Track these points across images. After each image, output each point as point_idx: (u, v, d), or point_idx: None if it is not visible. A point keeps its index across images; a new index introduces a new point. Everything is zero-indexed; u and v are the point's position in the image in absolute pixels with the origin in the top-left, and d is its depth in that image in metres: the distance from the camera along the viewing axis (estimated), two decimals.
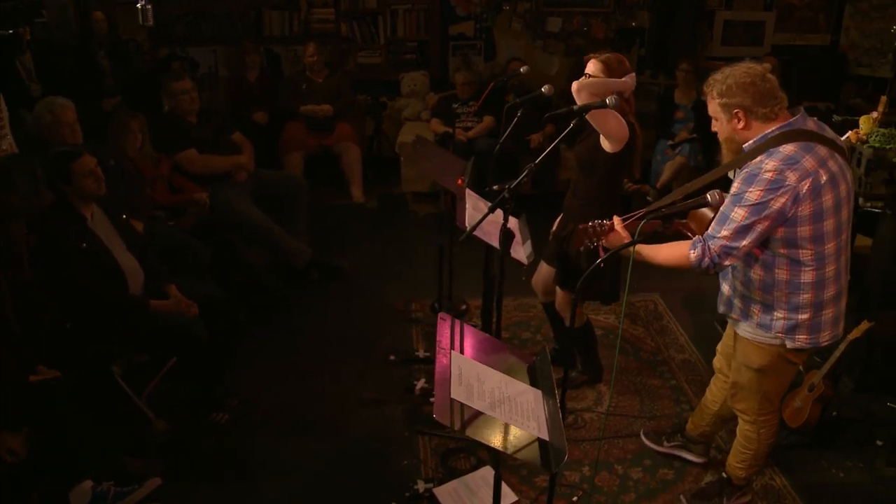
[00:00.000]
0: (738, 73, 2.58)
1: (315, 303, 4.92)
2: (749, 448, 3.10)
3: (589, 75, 3.41)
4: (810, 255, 2.60)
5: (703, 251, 2.62)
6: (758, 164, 2.54)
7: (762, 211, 2.51)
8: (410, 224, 6.31)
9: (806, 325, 2.71)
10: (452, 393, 2.06)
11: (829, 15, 7.08)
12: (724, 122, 2.65)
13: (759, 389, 2.93)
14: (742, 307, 2.83)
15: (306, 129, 6.36)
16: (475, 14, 7.05)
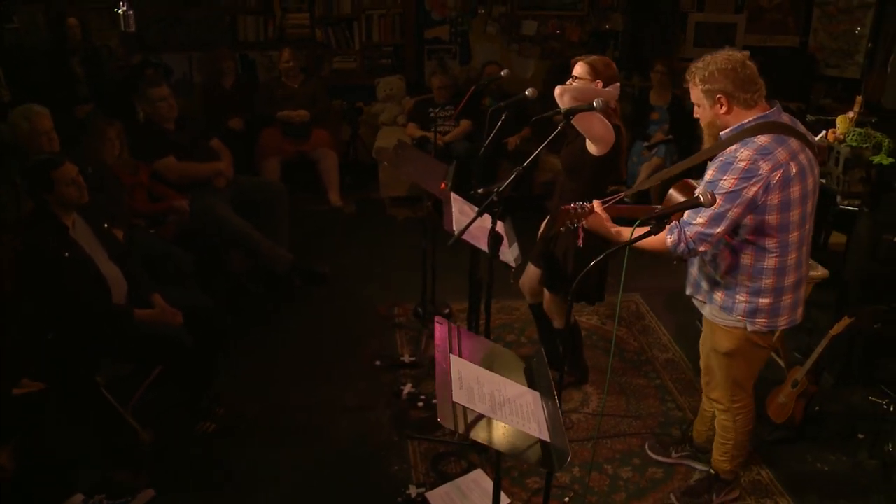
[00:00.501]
0: (719, 59, 2.65)
1: (298, 309, 4.89)
2: (728, 438, 3.17)
3: (576, 77, 3.44)
4: (775, 243, 2.70)
5: (680, 237, 2.69)
6: (732, 153, 2.62)
7: (735, 199, 2.60)
8: (389, 228, 6.30)
9: (766, 309, 2.81)
10: (454, 396, 2.07)
11: (797, 17, 7.19)
12: (707, 107, 2.71)
13: (729, 375, 3.02)
14: (708, 289, 2.92)
15: (282, 134, 6.33)
16: (450, 18, 7.06)
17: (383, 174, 6.65)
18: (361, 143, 6.96)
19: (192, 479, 3.43)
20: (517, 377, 2.39)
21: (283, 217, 5.24)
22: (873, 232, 3.77)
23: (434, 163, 4.46)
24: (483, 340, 2.56)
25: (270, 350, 4.42)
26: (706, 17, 7.13)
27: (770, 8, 7.15)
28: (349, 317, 4.83)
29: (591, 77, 3.43)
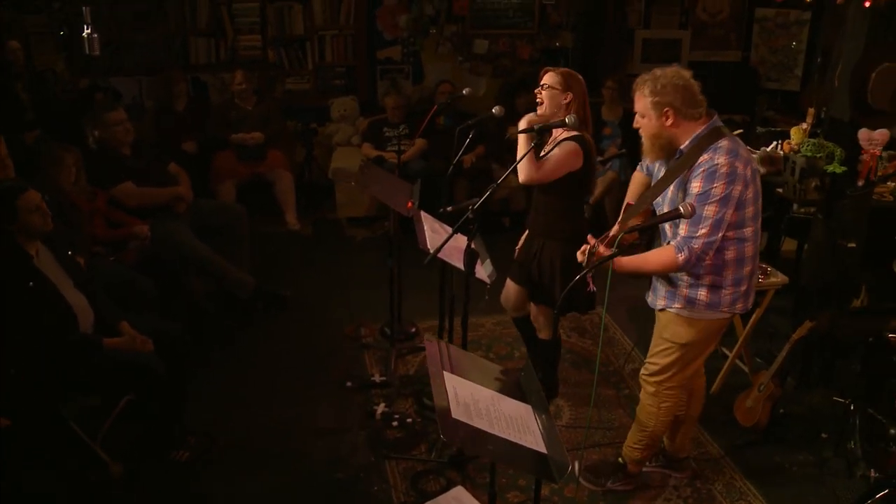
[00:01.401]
0: (669, 74, 2.81)
1: (263, 333, 4.83)
2: (647, 426, 3.29)
3: (546, 86, 3.50)
4: (751, 231, 2.88)
5: (689, 252, 2.80)
6: (710, 161, 2.75)
7: (727, 202, 2.75)
8: (349, 249, 6.27)
9: (742, 293, 2.99)
10: (454, 413, 2.08)
11: (739, 33, 7.45)
12: (653, 118, 2.84)
13: (680, 360, 3.14)
14: (688, 295, 3.01)
15: (237, 157, 6.26)
16: (402, 38, 7.09)
17: (340, 195, 6.63)
18: (316, 164, 6.93)
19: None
20: (507, 391, 2.41)
21: (244, 240, 5.18)
22: (828, 238, 3.91)
23: (399, 182, 4.48)
24: (471, 356, 2.58)
25: (237, 375, 4.35)
26: (652, 33, 7.32)
27: (713, 24, 7.39)
28: (315, 339, 4.79)
29: (561, 87, 3.50)
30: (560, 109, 3.54)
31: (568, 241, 3.59)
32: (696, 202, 2.75)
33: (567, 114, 3.49)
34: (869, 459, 3.54)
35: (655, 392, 3.23)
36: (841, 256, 3.97)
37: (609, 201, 6.38)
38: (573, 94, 3.54)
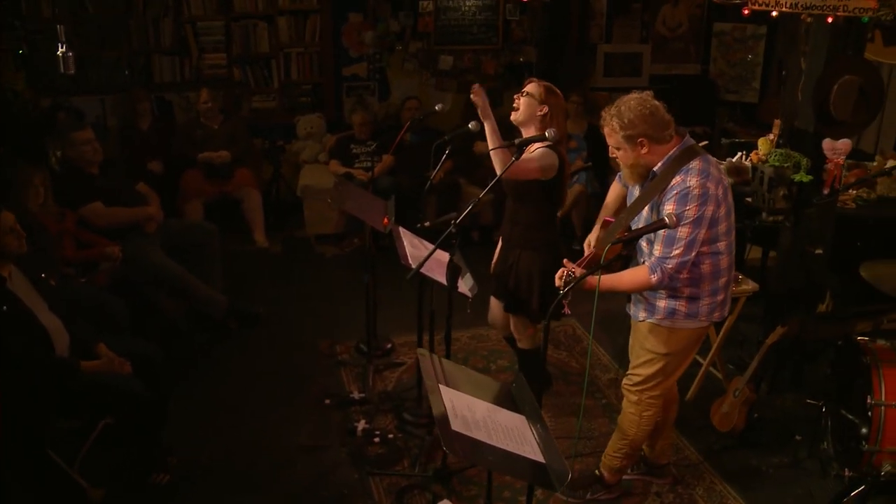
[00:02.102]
0: (633, 104, 2.86)
1: (238, 352, 4.79)
2: (627, 435, 3.35)
3: (526, 93, 3.59)
4: (725, 245, 2.97)
5: (663, 273, 2.88)
6: (682, 183, 2.84)
7: (700, 223, 2.84)
8: (318, 266, 6.25)
9: (720, 303, 3.09)
10: (453, 425, 2.09)
11: (698, 46, 7.63)
12: (629, 150, 2.92)
13: (663, 370, 3.20)
14: (667, 306, 3.08)
15: (204, 176, 6.21)
16: (368, 55, 7.11)
17: (308, 212, 6.61)
18: (284, 182, 6.91)
19: None
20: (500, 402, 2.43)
21: (215, 259, 5.14)
22: (796, 245, 4.02)
23: (373, 199, 4.49)
24: (463, 368, 2.60)
25: (214, 395, 4.30)
26: (614, 48, 7.45)
27: (673, 38, 7.55)
28: (290, 357, 4.76)
29: (540, 99, 3.58)
30: (533, 119, 3.61)
31: (543, 250, 3.67)
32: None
33: (540, 125, 3.57)
34: (842, 459, 3.63)
35: (638, 401, 3.28)
36: (808, 262, 4.09)
37: (576, 213, 6.46)
38: (549, 107, 3.61)
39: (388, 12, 6.92)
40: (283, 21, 6.81)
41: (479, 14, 7.18)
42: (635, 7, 7.41)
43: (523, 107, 3.62)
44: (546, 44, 7.37)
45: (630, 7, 7.40)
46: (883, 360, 3.46)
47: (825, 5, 3.27)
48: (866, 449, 3.36)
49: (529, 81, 3.70)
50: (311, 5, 6.83)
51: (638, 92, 2.96)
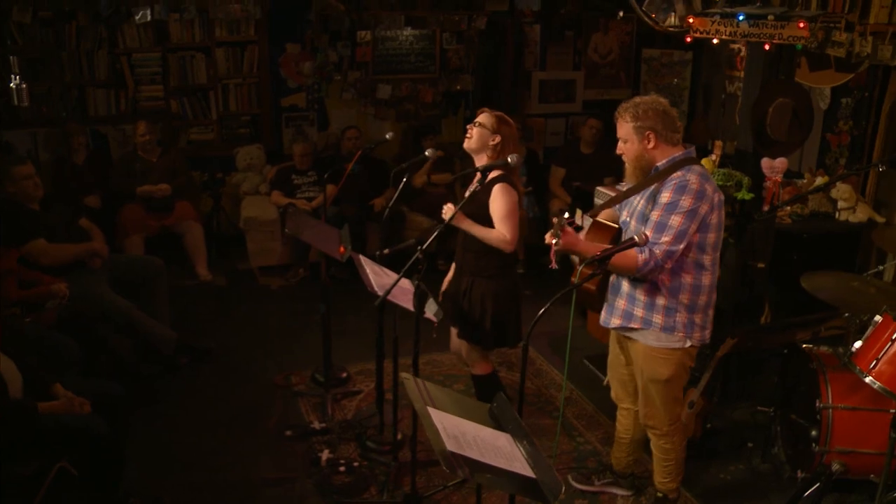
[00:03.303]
0: (648, 100, 3.00)
1: (192, 388, 4.70)
2: (669, 460, 3.40)
3: (479, 123, 3.68)
4: (710, 260, 3.05)
5: (650, 255, 2.92)
6: (682, 177, 2.93)
7: (693, 216, 2.91)
8: (265, 298, 6.19)
9: (699, 324, 3.13)
10: (448, 446, 2.13)
11: (628, 72, 7.90)
12: (636, 142, 3.01)
13: (668, 399, 3.26)
14: (644, 315, 3.13)
15: (144, 210, 6.10)
16: (306, 86, 7.13)
17: (251, 244, 6.55)
18: (224, 215, 6.83)
19: None
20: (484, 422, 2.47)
21: (163, 294, 5.05)
22: (739, 260, 4.21)
23: (327, 228, 4.49)
24: (445, 390, 2.64)
25: (172, 432, 4.21)
26: (548, 74, 7.66)
27: (604, 64, 7.81)
28: (245, 390, 4.70)
29: (492, 129, 3.66)
30: (485, 148, 3.69)
31: (496, 278, 3.73)
32: (664, 211, 2.92)
33: (492, 153, 3.66)
34: (794, 462, 3.80)
35: (668, 432, 3.35)
36: (751, 276, 4.28)
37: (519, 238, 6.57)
38: (501, 136, 3.69)
39: (326, 43, 6.95)
40: (221, 52, 6.78)
41: (416, 43, 7.30)
42: (568, 35, 7.65)
43: (476, 136, 3.70)
44: (482, 72, 7.54)
45: (563, 35, 7.63)
46: (828, 365, 3.66)
47: (762, 33, 3.47)
48: (817, 450, 3.53)
49: (482, 112, 3.78)
50: (248, 36, 6.81)
51: (656, 95, 3.08)
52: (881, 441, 3.44)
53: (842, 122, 5.31)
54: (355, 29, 6.98)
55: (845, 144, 5.39)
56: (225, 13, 6.61)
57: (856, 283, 3.80)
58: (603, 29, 7.73)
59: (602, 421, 4.39)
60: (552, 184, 6.91)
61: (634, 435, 3.61)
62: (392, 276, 3.66)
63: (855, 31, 3.94)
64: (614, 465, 3.75)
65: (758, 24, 3.49)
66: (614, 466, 3.76)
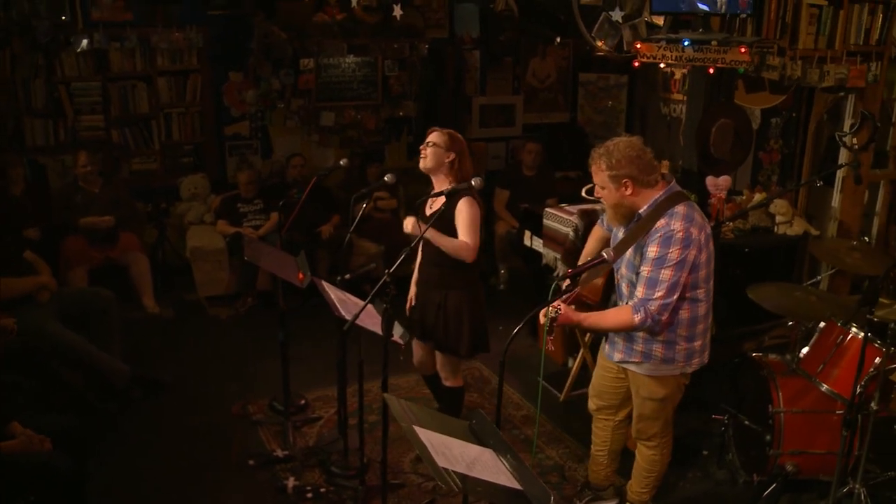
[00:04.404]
0: (622, 146, 2.98)
1: (150, 421, 4.60)
2: (653, 471, 3.49)
3: (432, 143, 3.76)
4: (704, 293, 3.09)
5: (646, 313, 2.97)
6: (666, 227, 2.94)
7: (683, 266, 2.94)
8: (214, 328, 6.11)
9: (698, 349, 3.20)
10: (439, 462, 2.17)
11: (566, 96, 8.14)
12: (613, 190, 3.02)
13: (662, 415, 3.35)
14: (644, 350, 3.19)
15: (88, 242, 5.97)
16: (250, 114, 7.11)
17: (198, 274, 6.47)
18: (169, 245, 6.73)
19: None
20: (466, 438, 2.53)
21: (115, 327, 4.95)
22: None
23: (283, 255, 4.49)
24: (425, 408, 2.68)
25: (134, 466, 4.12)
26: (489, 99, 7.83)
27: (542, 89, 8.03)
28: (204, 421, 4.63)
29: (446, 147, 3.75)
30: (442, 167, 3.79)
31: (469, 288, 3.85)
32: (653, 266, 2.94)
33: (449, 171, 3.78)
34: (748, 466, 3.95)
35: (657, 445, 3.43)
36: None
37: None
38: (455, 153, 3.79)
39: (269, 71, 6.95)
40: (163, 81, 6.72)
41: (358, 71, 7.37)
42: (507, 61, 7.84)
43: (430, 156, 3.78)
44: (425, 98, 7.65)
45: (502, 61, 7.82)
46: (777, 372, 3.83)
47: (706, 58, 3.66)
48: (771, 453, 3.68)
49: (432, 131, 3.85)
50: (190, 65, 6.77)
51: (628, 135, 3.06)
52: (829, 441, 3.64)
53: (772, 141, 5.59)
54: (298, 57, 7.01)
55: (776, 162, 5.67)
56: (167, 42, 6.55)
57: (798, 293, 4.00)
58: (541, 54, 7.96)
59: (563, 438, 4.48)
60: (497, 206, 7.04)
61: (612, 446, 3.68)
62: (354, 300, 3.69)
63: (786, 55, 4.18)
64: (592, 481, 3.81)
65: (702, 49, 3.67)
66: (592, 482, 3.81)
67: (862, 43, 4.56)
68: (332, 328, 5.63)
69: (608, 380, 3.53)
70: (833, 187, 4.99)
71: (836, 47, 4.43)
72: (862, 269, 3.99)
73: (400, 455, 4.27)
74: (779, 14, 4.07)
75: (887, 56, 4.73)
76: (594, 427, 3.74)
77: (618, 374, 3.46)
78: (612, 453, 3.73)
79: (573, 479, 4.06)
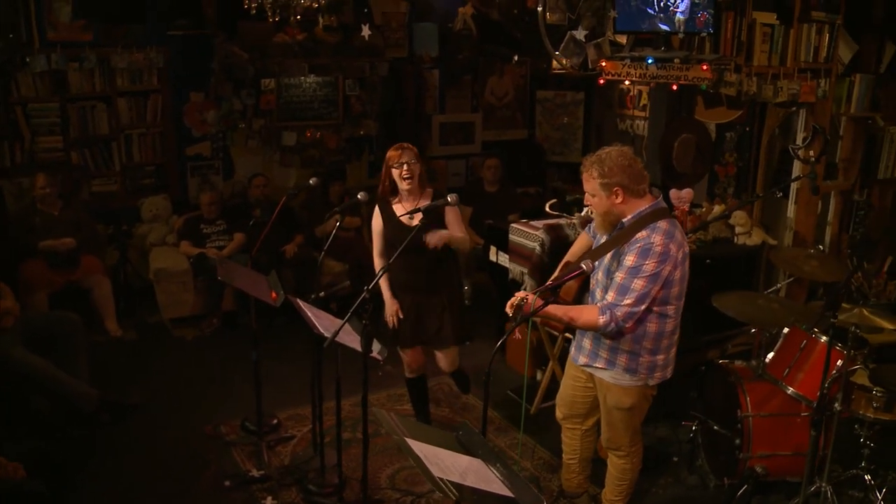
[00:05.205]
0: (613, 155, 3.05)
1: (123, 444, 4.54)
2: (624, 479, 3.55)
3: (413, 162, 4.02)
4: (674, 310, 3.17)
5: (611, 317, 3.04)
6: (647, 239, 3.02)
7: (656, 279, 3.01)
8: (180, 350, 6.05)
9: (661, 364, 3.27)
10: (435, 473, 2.22)
11: (524, 113, 8.28)
12: (604, 198, 3.08)
13: (630, 425, 3.41)
14: (608, 357, 3.27)
15: (48, 266, 5.87)
16: (211, 134, 7.08)
17: (162, 296, 6.40)
18: (131, 267, 6.65)
19: None
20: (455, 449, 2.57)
21: (82, 351, 4.89)
22: None
23: (255, 274, 4.49)
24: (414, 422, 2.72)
25: (109, 491, 4.06)
26: (448, 117, 7.92)
27: (500, 106, 8.15)
28: (176, 444, 4.58)
29: (418, 160, 4.03)
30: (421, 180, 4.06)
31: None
32: (627, 274, 3.01)
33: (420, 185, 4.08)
34: (718, 471, 4.06)
35: (626, 454, 3.50)
36: None
37: None
38: (420, 164, 4.09)
39: (230, 91, 6.93)
40: (123, 102, 6.65)
41: (319, 90, 7.39)
42: (465, 79, 7.95)
43: (415, 175, 4.03)
44: (385, 116, 7.71)
45: (460, 79, 7.93)
46: (744, 377, 3.96)
47: (669, 75, 3.79)
48: (742, 456, 3.80)
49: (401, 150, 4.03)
50: (151, 85, 6.72)
51: (619, 145, 3.12)
52: (796, 442, 3.77)
53: (727, 154, 5.77)
54: (259, 77, 7.01)
55: (732, 175, 5.84)
56: (127, 62, 6.51)
57: (760, 301, 4.13)
58: (498, 73, 8.09)
59: (535, 449, 4.54)
60: None
61: (583, 454, 3.76)
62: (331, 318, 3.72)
63: (742, 72, 4.35)
64: (566, 489, 3.88)
65: (665, 66, 3.81)
66: (567, 490, 3.88)
67: (811, 60, 4.78)
68: (299, 348, 5.68)
69: (576, 389, 3.59)
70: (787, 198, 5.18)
71: (787, 64, 4.63)
72: (819, 276, 4.14)
73: (377, 471, 4.28)
74: (735, 33, 4.24)
75: (834, 73, 4.96)
76: (563, 436, 3.81)
77: (586, 382, 3.53)
78: (583, 461, 3.80)
79: (548, 489, 4.12)
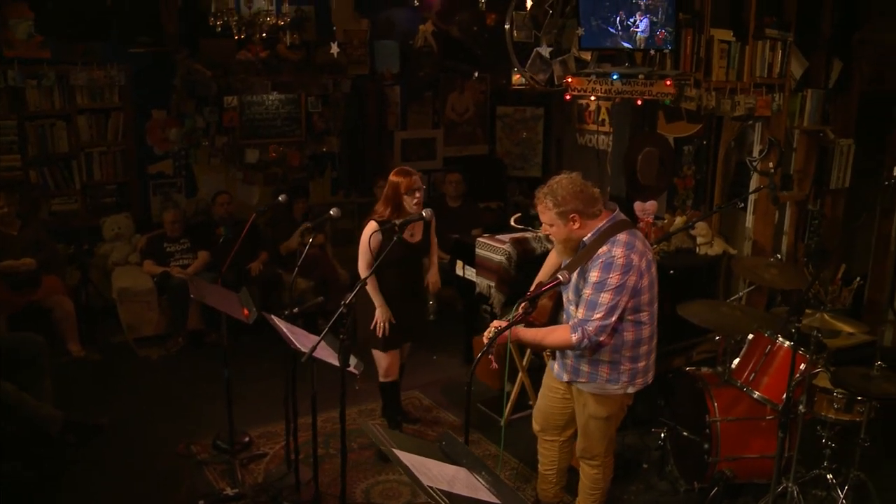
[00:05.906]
0: (564, 183, 3.14)
1: (94, 466, 4.46)
2: (597, 489, 3.62)
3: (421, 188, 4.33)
4: (647, 315, 3.25)
5: (583, 333, 3.10)
6: (608, 253, 3.10)
7: (622, 291, 3.09)
8: (147, 370, 5.97)
9: (641, 370, 3.34)
10: (425, 482, 2.25)
11: (484, 129, 8.39)
12: (562, 226, 3.17)
13: (606, 435, 3.49)
14: (590, 370, 3.33)
15: (8, 287, 5.76)
16: (173, 152, 7.03)
17: (126, 315, 6.32)
18: (93, 287, 6.56)
19: None
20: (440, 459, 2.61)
21: (44, 372, 4.79)
22: None
23: (226, 292, 4.48)
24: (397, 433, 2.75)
25: None
26: (410, 134, 7.99)
27: (461, 122, 8.25)
28: (147, 464, 4.53)
29: None
30: None
31: None
32: (593, 290, 3.08)
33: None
34: (688, 475, 4.16)
35: (600, 464, 3.55)
36: None
37: None
38: None
39: (193, 108, 6.91)
40: (83, 119, 6.58)
41: (282, 108, 7.41)
42: (426, 96, 8.03)
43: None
44: (347, 133, 7.74)
45: (422, 96, 8.01)
46: (711, 383, 4.07)
47: (634, 91, 3.91)
48: (710, 461, 3.90)
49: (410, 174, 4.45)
50: (112, 103, 6.66)
51: (567, 173, 3.19)
52: (762, 444, 3.88)
53: (686, 167, 5.93)
54: (222, 94, 7.00)
55: (690, 187, 6.01)
56: (86, 80, 6.44)
57: (724, 309, 4.26)
58: (459, 89, 8.19)
59: (508, 460, 4.59)
60: None
61: (560, 465, 3.81)
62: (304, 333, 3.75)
63: (702, 87, 4.50)
64: (542, 499, 3.93)
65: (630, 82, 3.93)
66: (542, 500, 3.93)
67: (766, 75, 4.96)
68: (266, 366, 5.68)
69: (554, 401, 3.65)
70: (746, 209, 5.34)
71: (744, 79, 4.80)
72: (778, 283, 4.28)
73: (352, 485, 4.29)
74: (694, 49, 4.39)
75: (787, 88, 5.15)
76: (540, 448, 3.86)
77: (564, 395, 3.59)
78: (561, 471, 3.86)
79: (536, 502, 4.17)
